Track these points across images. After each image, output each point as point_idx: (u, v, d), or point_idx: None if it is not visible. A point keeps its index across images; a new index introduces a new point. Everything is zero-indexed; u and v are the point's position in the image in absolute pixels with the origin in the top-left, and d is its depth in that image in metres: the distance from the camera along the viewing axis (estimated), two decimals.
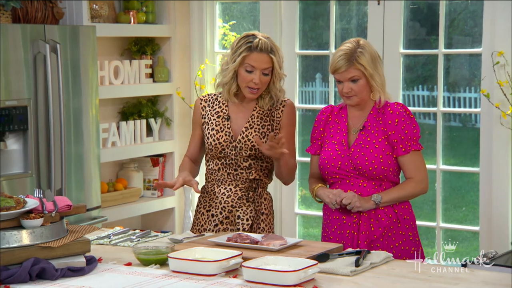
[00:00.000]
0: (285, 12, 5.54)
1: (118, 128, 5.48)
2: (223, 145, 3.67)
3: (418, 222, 3.38)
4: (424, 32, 5.54)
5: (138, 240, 3.31)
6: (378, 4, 5.19)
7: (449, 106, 5.42)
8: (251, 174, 3.70)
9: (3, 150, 4.41)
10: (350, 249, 3.11)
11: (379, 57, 3.59)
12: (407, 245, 3.53)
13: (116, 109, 5.71)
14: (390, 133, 3.53)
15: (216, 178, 3.73)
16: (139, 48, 5.68)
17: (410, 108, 5.53)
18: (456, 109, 5.52)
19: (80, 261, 2.80)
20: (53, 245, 2.77)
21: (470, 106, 5.42)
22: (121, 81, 5.48)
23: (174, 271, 2.80)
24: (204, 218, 3.73)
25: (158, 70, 5.73)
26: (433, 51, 5.20)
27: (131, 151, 5.52)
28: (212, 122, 3.73)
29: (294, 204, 5.58)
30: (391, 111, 3.55)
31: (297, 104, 5.57)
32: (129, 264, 2.93)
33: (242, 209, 3.70)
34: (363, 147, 3.53)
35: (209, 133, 3.71)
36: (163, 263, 2.91)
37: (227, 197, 3.70)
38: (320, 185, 3.63)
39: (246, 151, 3.67)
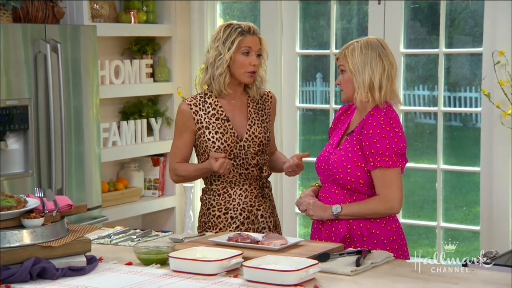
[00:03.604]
0: (286, 12, 5.54)
1: (118, 127, 5.48)
2: (231, 147, 3.65)
3: (418, 222, 3.35)
4: (424, 31, 5.54)
5: (139, 239, 3.31)
6: (379, 3, 5.19)
7: (449, 106, 5.42)
8: (263, 171, 3.71)
9: (3, 150, 4.40)
10: (350, 249, 3.09)
11: (384, 59, 3.38)
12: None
13: (117, 108, 5.71)
14: (363, 143, 3.27)
15: (228, 180, 3.69)
16: (140, 47, 5.68)
17: (411, 108, 5.56)
18: (457, 109, 5.51)
19: (81, 260, 2.80)
20: (53, 244, 2.77)
21: (470, 106, 5.41)
22: (122, 80, 5.49)
23: (174, 271, 2.80)
24: (222, 221, 3.68)
25: (158, 70, 5.73)
26: (434, 51, 5.19)
27: (131, 151, 5.52)
28: (213, 126, 3.67)
29: (294, 204, 5.57)
30: (369, 122, 3.28)
31: (297, 103, 5.57)
32: (129, 263, 2.93)
33: (262, 207, 3.72)
34: (340, 153, 3.34)
35: (213, 137, 3.65)
36: (163, 262, 2.90)
37: (244, 198, 3.69)
38: (317, 183, 3.54)
39: (254, 148, 3.68)
